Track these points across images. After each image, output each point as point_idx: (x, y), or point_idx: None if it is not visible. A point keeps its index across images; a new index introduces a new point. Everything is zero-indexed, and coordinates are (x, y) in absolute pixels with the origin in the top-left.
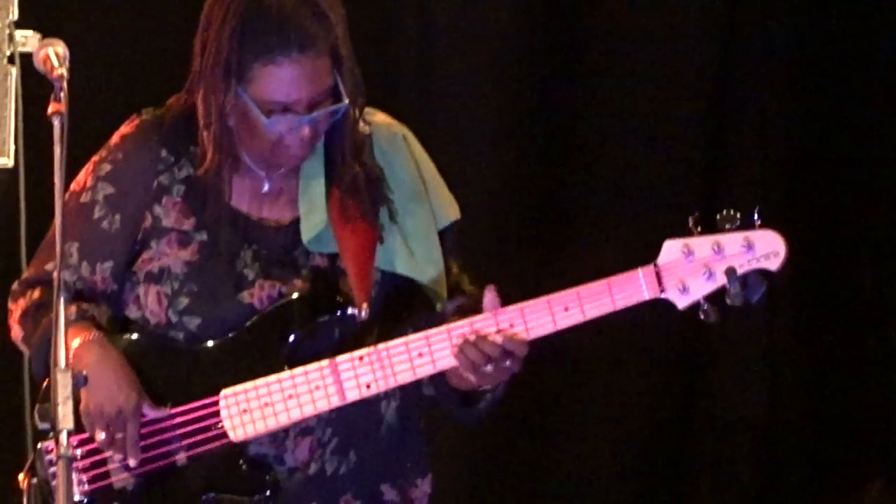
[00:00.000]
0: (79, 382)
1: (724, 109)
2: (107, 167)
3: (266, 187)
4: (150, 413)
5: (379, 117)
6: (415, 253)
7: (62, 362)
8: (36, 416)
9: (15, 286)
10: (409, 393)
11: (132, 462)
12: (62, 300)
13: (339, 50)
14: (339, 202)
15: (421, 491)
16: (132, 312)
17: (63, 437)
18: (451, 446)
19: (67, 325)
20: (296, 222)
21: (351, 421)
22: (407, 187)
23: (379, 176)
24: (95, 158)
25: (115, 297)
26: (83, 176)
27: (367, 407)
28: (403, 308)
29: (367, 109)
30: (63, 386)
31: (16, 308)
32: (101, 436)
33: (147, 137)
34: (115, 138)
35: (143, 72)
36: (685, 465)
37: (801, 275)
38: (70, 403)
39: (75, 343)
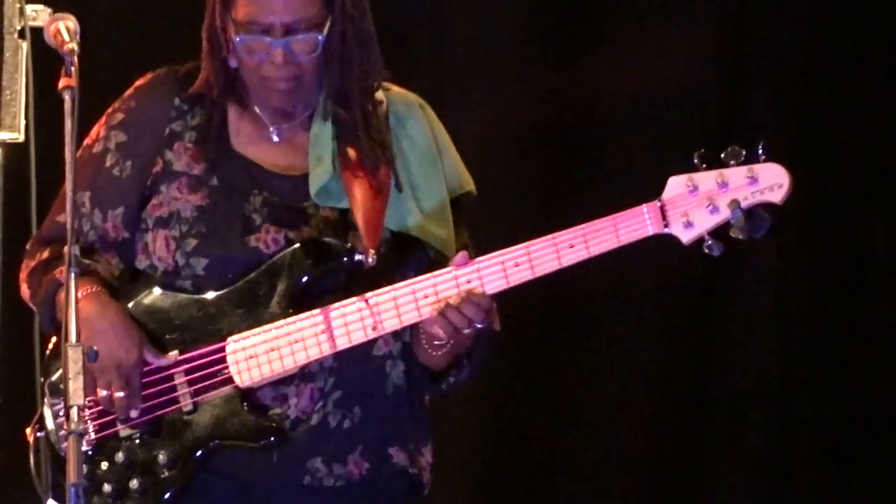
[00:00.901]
0: (89, 357)
1: (739, 58)
2: (119, 116)
3: (275, 138)
4: (155, 361)
5: (395, 89)
6: (425, 213)
7: (73, 338)
8: (46, 390)
9: (29, 244)
10: (413, 360)
11: (133, 413)
12: (73, 274)
13: None
14: (349, 157)
15: (425, 460)
16: (141, 262)
17: (74, 412)
18: (454, 416)
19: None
20: (307, 175)
21: (354, 375)
22: (421, 150)
23: (389, 141)
24: (109, 110)
25: (127, 246)
26: (96, 128)
27: (371, 363)
28: (411, 265)
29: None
30: (74, 361)
31: (26, 267)
32: (102, 392)
33: (161, 86)
34: (129, 90)
35: (154, 46)
36: (697, 437)
37: (814, 240)
38: (81, 379)
39: None
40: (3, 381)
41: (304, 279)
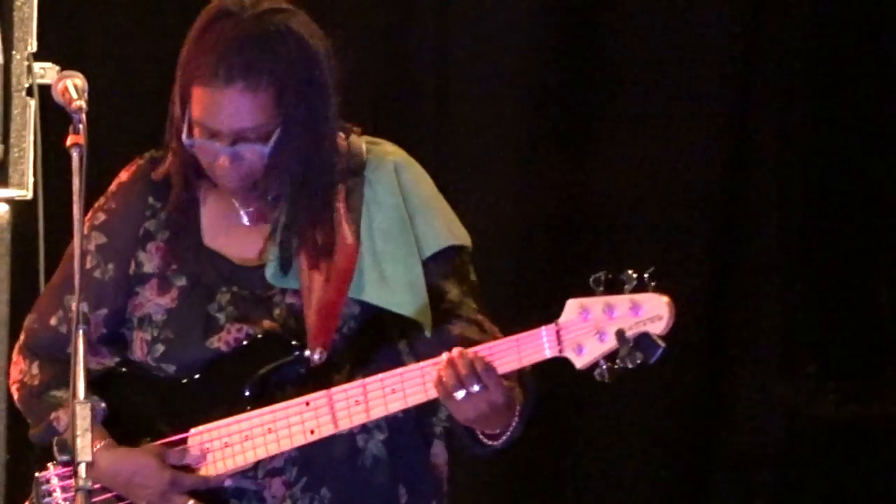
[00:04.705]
0: (98, 414)
1: (744, 124)
2: (101, 217)
3: (245, 221)
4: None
5: (383, 147)
6: (388, 280)
7: (81, 394)
8: (54, 448)
9: (17, 349)
10: (401, 425)
11: None
12: (80, 331)
13: (288, 89)
14: (308, 243)
15: None
16: (134, 355)
17: (82, 468)
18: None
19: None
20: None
21: (317, 458)
22: (388, 214)
23: (358, 211)
24: (95, 206)
25: (115, 340)
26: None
27: (335, 442)
28: (380, 338)
29: (374, 139)
30: (82, 418)
31: (15, 370)
32: None
33: (137, 185)
34: (112, 185)
35: (162, 103)
36: (702, 494)
37: (821, 295)
38: (89, 435)
39: None
40: (8, 439)
41: (256, 375)
